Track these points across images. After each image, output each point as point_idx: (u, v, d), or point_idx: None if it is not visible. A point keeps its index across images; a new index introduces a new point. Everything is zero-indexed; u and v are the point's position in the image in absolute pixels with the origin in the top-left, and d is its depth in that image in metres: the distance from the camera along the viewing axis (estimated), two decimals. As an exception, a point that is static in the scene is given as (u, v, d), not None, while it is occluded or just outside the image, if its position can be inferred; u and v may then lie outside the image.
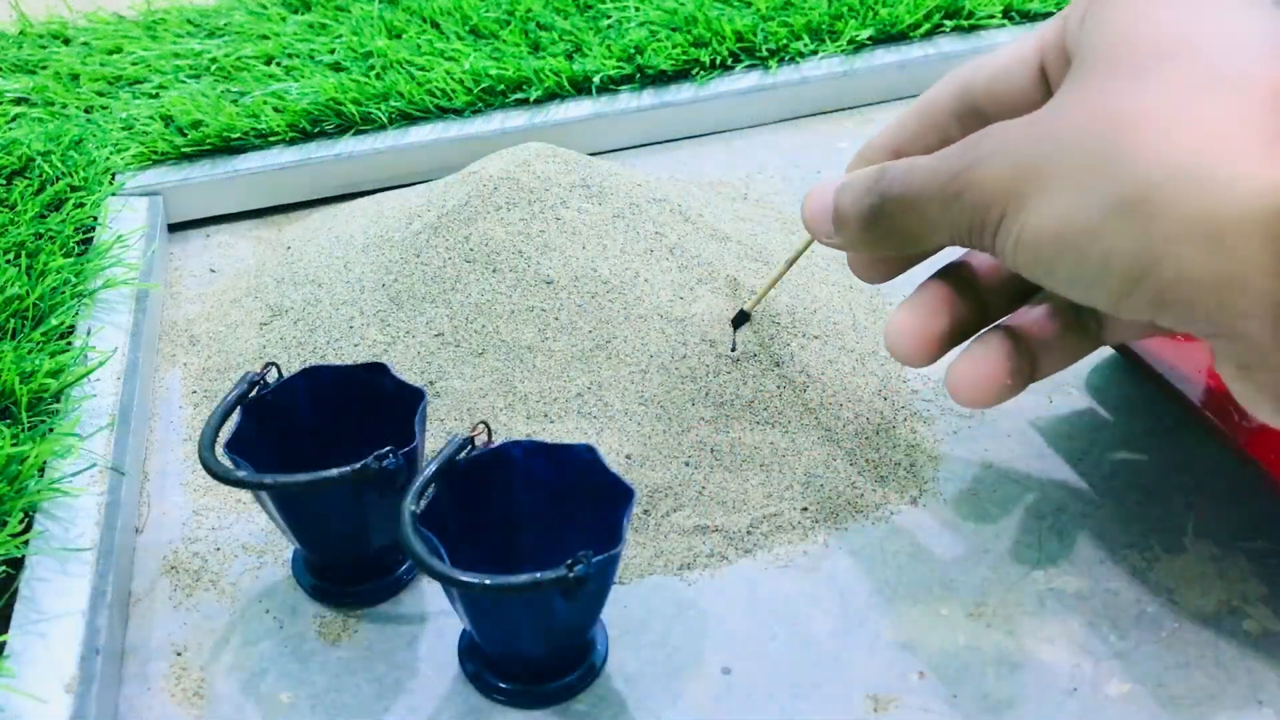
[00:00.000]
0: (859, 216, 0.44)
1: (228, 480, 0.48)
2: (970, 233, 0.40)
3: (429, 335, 0.61)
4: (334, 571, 0.54)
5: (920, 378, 0.63)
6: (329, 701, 0.50)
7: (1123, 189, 0.35)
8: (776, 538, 0.56)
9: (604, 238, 0.63)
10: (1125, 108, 0.36)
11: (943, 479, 0.58)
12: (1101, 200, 0.36)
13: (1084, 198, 0.36)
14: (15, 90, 0.83)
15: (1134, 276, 0.36)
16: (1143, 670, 0.50)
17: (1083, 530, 0.56)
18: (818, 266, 0.69)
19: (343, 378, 0.54)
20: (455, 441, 0.48)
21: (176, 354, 0.67)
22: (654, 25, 0.86)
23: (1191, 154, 0.34)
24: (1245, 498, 0.56)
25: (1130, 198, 0.35)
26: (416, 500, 0.45)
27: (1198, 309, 0.35)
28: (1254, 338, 0.35)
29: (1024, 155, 0.38)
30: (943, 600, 0.53)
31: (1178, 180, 0.34)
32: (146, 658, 0.52)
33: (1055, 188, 0.37)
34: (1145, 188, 0.35)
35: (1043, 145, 0.37)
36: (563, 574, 0.42)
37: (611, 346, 0.59)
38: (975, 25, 0.88)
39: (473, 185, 0.64)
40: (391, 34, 0.88)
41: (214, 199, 0.78)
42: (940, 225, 0.41)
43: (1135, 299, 0.36)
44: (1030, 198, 0.38)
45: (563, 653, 0.49)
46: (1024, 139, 0.38)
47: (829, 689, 0.49)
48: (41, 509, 0.53)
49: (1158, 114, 0.35)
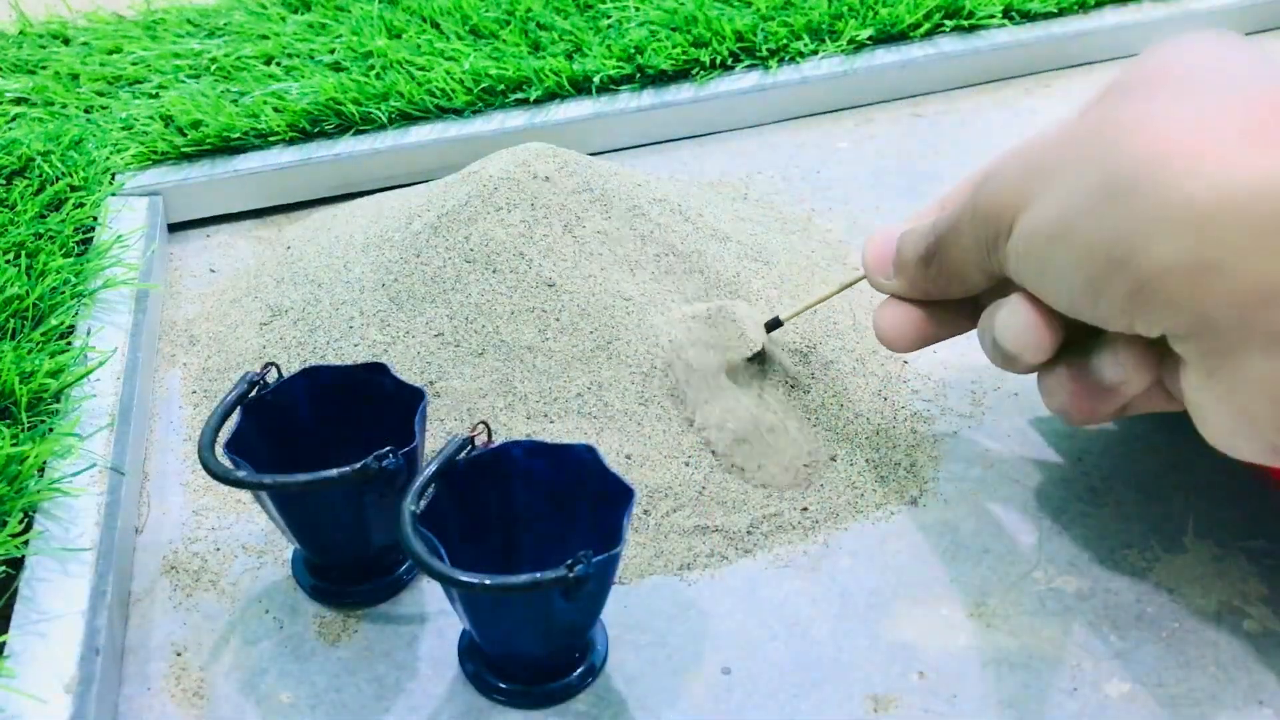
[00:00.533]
0: (917, 259, 0.47)
1: (227, 480, 0.48)
2: (990, 246, 0.42)
3: (429, 335, 0.61)
4: (334, 572, 0.54)
5: (920, 378, 0.63)
6: (329, 701, 0.50)
7: (1108, 177, 0.37)
8: (776, 538, 0.56)
9: (604, 238, 0.63)
10: (1121, 113, 0.38)
11: (943, 479, 0.58)
12: (1089, 189, 0.37)
13: (1075, 189, 0.38)
14: (15, 90, 0.83)
15: (1115, 261, 0.37)
16: (1143, 670, 0.50)
17: (1083, 530, 0.56)
18: (818, 267, 0.69)
19: (343, 378, 0.53)
20: (455, 441, 0.48)
21: (176, 354, 0.67)
22: (654, 25, 0.86)
23: (1175, 144, 0.35)
24: (1245, 497, 0.56)
25: (1115, 185, 0.36)
26: (416, 500, 0.45)
27: (1173, 298, 0.36)
28: (1224, 329, 0.36)
29: (1032, 161, 0.40)
30: (943, 600, 0.53)
31: (1160, 168, 0.35)
32: (146, 658, 0.52)
33: (1055, 184, 0.38)
34: (1130, 175, 0.36)
35: (1048, 150, 0.40)
36: (563, 574, 0.42)
37: (612, 347, 0.59)
38: (976, 25, 0.88)
39: (473, 185, 0.64)
40: (391, 34, 0.88)
41: (214, 199, 0.78)
42: (970, 248, 0.43)
43: (1113, 290, 0.37)
44: (1036, 198, 0.39)
45: (563, 653, 0.49)
46: (1033, 147, 0.41)
47: (829, 689, 0.49)
48: (41, 509, 0.53)
49: (1149, 115, 0.37)
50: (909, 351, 0.50)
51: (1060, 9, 0.90)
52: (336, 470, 0.47)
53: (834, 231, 0.74)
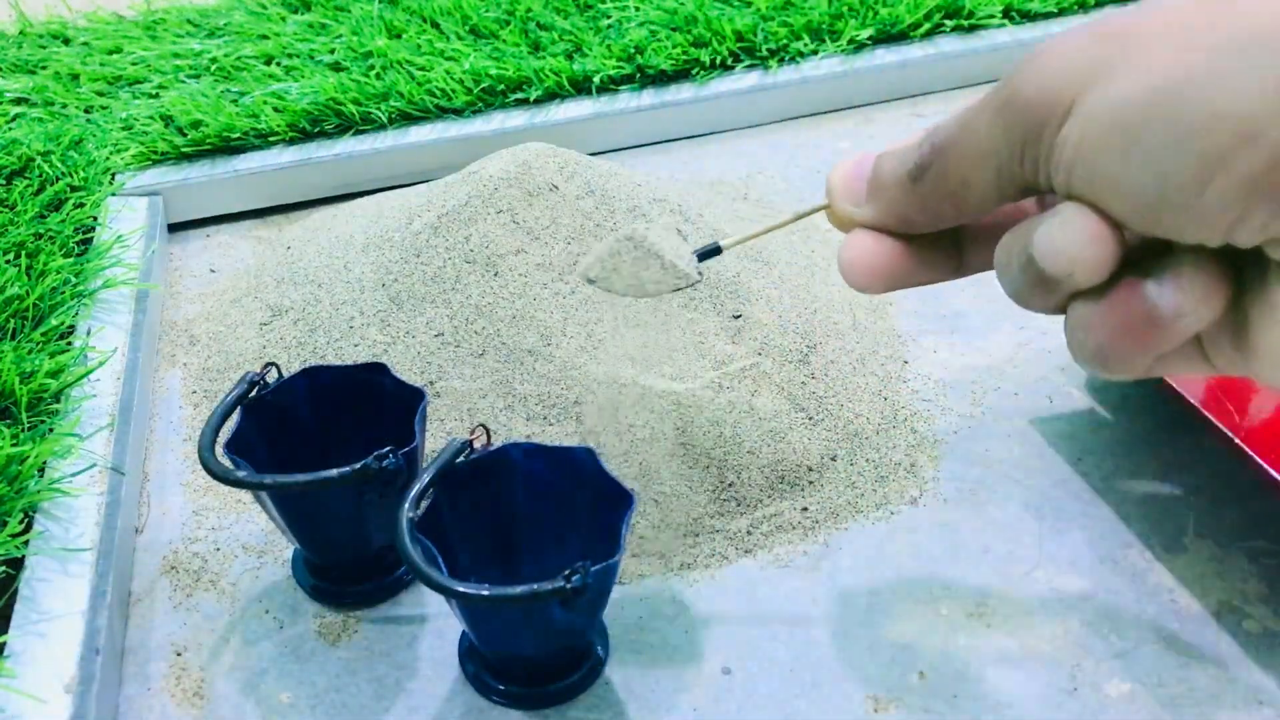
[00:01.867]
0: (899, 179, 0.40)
1: (227, 480, 0.48)
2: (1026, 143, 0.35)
3: (429, 335, 0.61)
4: (334, 572, 0.54)
5: (920, 378, 0.63)
6: (329, 702, 0.50)
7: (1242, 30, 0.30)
8: (777, 538, 0.56)
9: (605, 238, 0.63)
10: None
11: (943, 479, 0.58)
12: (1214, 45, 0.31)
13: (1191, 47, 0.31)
14: (15, 90, 0.83)
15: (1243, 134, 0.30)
16: (1143, 670, 0.50)
17: (1083, 530, 0.56)
18: (818, 266, 0.69)
19: (343, 378, 0.53)
20: (454, 444, 0.48)
21: (176, 354, 0.67)
22: (654, 25, 0.86)
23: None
24: (1245, 498, 0.56)
25: (1255, 36, 0.30)
26: (415, 506, 0.45)
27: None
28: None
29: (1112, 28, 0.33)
30: (943, 600, 0.53)
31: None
32: (146, 658, 0.52)
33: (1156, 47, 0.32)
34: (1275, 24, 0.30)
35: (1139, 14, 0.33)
36: (560, 585, 0.42)
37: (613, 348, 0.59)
38: (975, 25, 0.88)
39: (473, 185, 0.64)
40: (391, 34, 0.88)
41: (214, 199, 0.78)
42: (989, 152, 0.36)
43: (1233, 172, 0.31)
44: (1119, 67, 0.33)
45: (562, 655, 0.49)
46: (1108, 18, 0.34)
47: (829, 689, 0.49)
48: (41, 509, 0.53)
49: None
50: (880, 292, 0.41)
51: (1060, 9, 0.90)
52: (336, 470, 0.47)
53: (834, 233, 0.74)
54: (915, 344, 0.66)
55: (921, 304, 0.68)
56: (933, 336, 0.66)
